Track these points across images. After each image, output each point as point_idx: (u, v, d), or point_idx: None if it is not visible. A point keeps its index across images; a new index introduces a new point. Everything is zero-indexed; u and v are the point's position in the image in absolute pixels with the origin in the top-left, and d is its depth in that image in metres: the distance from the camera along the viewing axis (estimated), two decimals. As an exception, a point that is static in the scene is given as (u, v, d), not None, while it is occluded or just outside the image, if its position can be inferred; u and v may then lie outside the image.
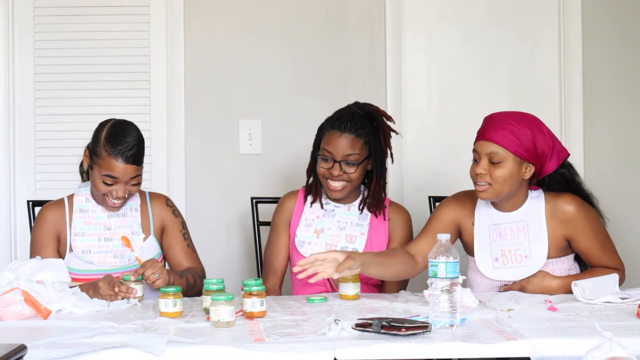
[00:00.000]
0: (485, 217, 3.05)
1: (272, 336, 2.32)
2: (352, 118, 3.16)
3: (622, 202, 3.28)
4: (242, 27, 4.07)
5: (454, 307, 2.40)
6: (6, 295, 2.59)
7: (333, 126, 3.17)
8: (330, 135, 3.17)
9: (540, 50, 4.15)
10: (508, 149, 2.92)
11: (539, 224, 2.99)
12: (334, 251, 2.76)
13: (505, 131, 2.92)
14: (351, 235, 3.20)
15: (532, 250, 2.98)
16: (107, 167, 2.98)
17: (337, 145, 3.15)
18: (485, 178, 2.94)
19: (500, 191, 2.94)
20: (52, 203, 3.14)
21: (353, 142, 3.15)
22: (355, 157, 3.15)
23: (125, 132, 3.03)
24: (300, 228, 3.23)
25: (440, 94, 4.15)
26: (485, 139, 2.95)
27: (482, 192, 2.96)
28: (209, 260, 3.09)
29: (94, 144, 3.04)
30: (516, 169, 2.93)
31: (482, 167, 2.94)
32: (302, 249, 3.19)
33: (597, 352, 2.06)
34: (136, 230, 3.12)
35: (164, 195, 3.28)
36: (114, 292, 2.80)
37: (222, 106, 4.07)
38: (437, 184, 4.07)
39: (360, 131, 3.15)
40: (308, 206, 3.26)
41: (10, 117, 3.98)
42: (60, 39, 4.00)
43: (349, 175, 3.15)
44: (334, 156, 3.15)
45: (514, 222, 3.01)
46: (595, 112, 4.10)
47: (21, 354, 2.02)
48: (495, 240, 3.02)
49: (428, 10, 4.12)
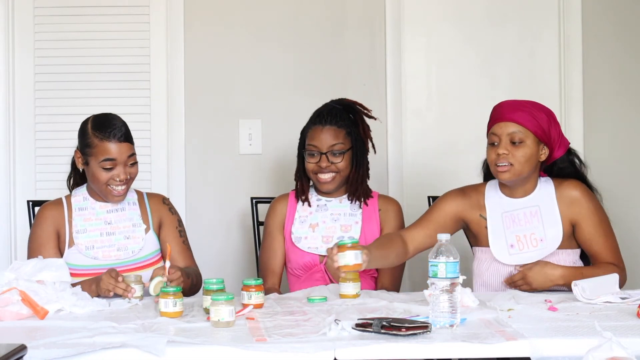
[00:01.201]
0: (497, 206, 3.09)
1: (273, 336, 2.32)
2: (331, 112, 3.29)
3: (622, 202, 3.28)
4: (242, 27, 4.07)
5: (454, 307, 2.39)
6: (4, 295, 2.59)
7: (314, 122, 3.30)
8: (313, 131, 3.28)
9: (540, 50, 4.15)
10: (528, 129, 2.99)
11: (552, 207, 3.04)
12: (355, 246, 2.77)
13: (524, 112, 3.00)
14: (346, 225, 3.27)
15: (547, 233, 3.02)
16: (103, 152, 3.03)
17: (321, 138, 3.26)
18: (507, 158, 2.99)
19: (520, 171, 3.00)
20: (50, 202, 3.16)
21: (335, 133, 3.26)
22: (340, 147, 3.25)
23: (109, 117, 3.11)
24: (295, 225, 3.29)
25: (440, 94, 4.15)
26: (506, 120, 3.01)
27: (503, 173, 3.00)
28: (209, 260, 3.09)
29: (82, 140, 3.09)
30: (535, 149, 3.01)
31: (503, 148, 2.99)
32: (299, 244, 3.26)
33: (597, 352, 2.06)
34: (137, 222, 3.15)
35: (161, 195, 3.32)
36: (114, 284, 2.81)
37: (222, 106, 4.07)
38: (436, 184, 4.06)
39: (341, 122, 3.28)
40: (300, 205, 3.33)
41: (10, 117, 3.99)
42: (60, 39, 4.01)
43: (337, 166, 3.25)
44: (319, 149, 3.25)
45: (527, 207, 3.06)
46: (595, 112, 4.10)
47: (21, 354, 2.02)
48: (509, 227, 3.05)
49: (428, 10, 4.12)
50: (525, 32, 4.15)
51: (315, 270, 3.24)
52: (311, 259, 3.24)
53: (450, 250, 2.42)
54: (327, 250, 2.80)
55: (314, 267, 3.24)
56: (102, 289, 2.83)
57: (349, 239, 3.12)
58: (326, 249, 2.84)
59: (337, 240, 3.16)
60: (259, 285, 2.71)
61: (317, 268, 3.23)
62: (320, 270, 3.23)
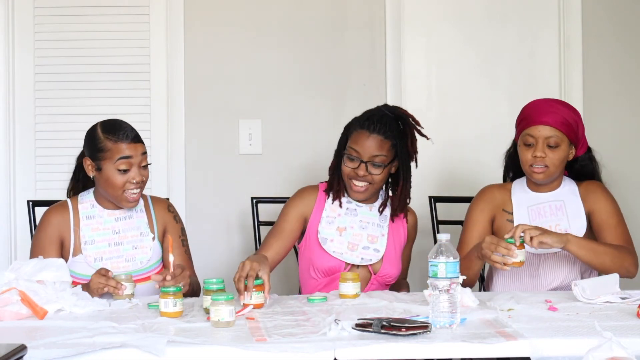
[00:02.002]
0: (523, 200, 3.19)
1: (274, 336, 2.32)
2: (381, 120, 3.14)
3: (623, 203, 3.28)
4: (242, 27, 4.07)
5: (454, 307, 2.39)
6: (4, 295, 2.59)
7: (362, 126, 3.14)
8: (358, 135, 3.14)
9: (540, 50, 4.15)
10: (564, 133, 3.09)
11: (576, 202, 3.16)
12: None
13: (558, 115, 3.10)
14: (373, 236, 3.19)
15: (571, 225, 3.12)
16: (118, 152, 3.00)
17: (365, 146, 3.12)
18: (544, 161, 3.09)
19: (554, 173, 3.13)
20: (55, 207, 3.12)
21: (381, 144, 3.12)
22: (381, 159, 3.12)
23: (118, 121, 3.09)
24: (322, 224, 3.19)
25: (440, 94, 4.15)
26: (543, 124, 3.09)
27: (538, 174, 3.11)
28: (209, 260, 3.08)
29: (93, 145, 3.04)
30: (567, 152, 3.13)
31: (541, 151, 3.09)
32: (325, 246, 3.16)
33: (597, 352, 2.06)
34: (144, 231, 3.12)
35: (166, 200, 3.29)
36: (104, 283, 2.80)
37: (222, 106, 4.07)
38: (437, 184, 4.07)
39: (389, 133, 3.13)
40: (329, 203, 3.22)
41: (10, 117, 3.99)
42: (60, 39, 4.01)
43: (373, 177, 3.13)
44: (360, 156, 3.12)
45: (552, 201, 3.17)
46: (595, 112, 4.10)
47: (21, 354, 2.02)
48: (534, 220, 3.13)
49: (428, 10, 4.12)
50: (525, 32, 4.15)
51: (337, 276, 3.05)
52: (337, 264, 3.15)
53: (450, 250, 2.42)
54: (494, 240, 2.85)
55: (336, 272, 3.12)
56: (92, 289, 2.81)
57: (374, 251, 3.15)
58: (489, 240, 2.87)
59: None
60: (259, 285, 2.71)
61: (339, 274, 3.04)
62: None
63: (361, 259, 3.15)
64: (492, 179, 3.48)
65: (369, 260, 3.16)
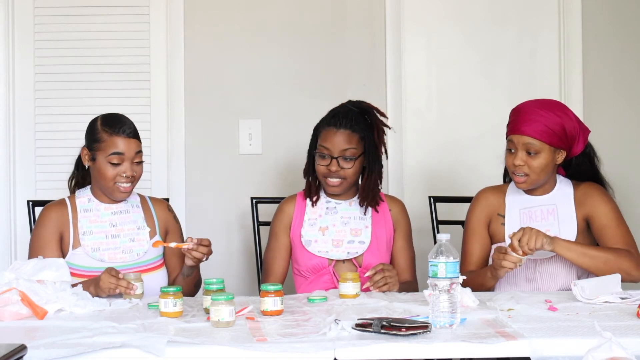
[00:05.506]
0: (516, 202, 3.18)
1: (274, 336, 2.32)
2: (347, 115, 3.23)
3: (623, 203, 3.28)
4: (242, 27, 4.07)
5: (454, 307, 2.40)
6: (4, 295, 2.59)
7: (329, 123, 3.24)
8: (326, 132, 3.23)
9: (540, 50, 4.15)
10: (543, 141, 3.05)
11: (569, 207, 3.13)
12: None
13: (538, 123, 3.06)
14: (356, 229, 3.24)
15: (561, 230, 3.09)
16: (112, 145, 3.05)
17: (334, 141, 3.20)
18: (523, 169, 3.08)
19: (537, 180, 3.10)
20: (54, 203, 3.15)
21: (349, 137, 3.20)
22: (352, 152, 3.20)
23: (119, 115, 3.14)
24: (305, 228, 3.26)
25: (440, 94, 4.15)
26: (521, 133, 3.07)
27: (520, 183, 3.11)
28: (209, 260, 3.07)
29: (91, 136, 3.10)
30: (551, 157, 3.09)
31: (520, 159, 3.08)
32: (309, 247, 3.23)
33: (597, 352, 2.06)
34: (141, 224, 3.15)
35: (164, 201, 3.33)
36: (115, 284, 2.81)
37: (222, 106, 4.07)
38: (437, 184, 4.07)
39: (356, 127, 3.22)
40: (310, 207, 3.29)
41: (10, 117, 3.99)
42: (60, 39, 4.01)
43: (346, 172, 3.20)
44: (331, 152, 3.20)
45: (544, 205, 3.14)
46: (595, 112, 4.10)
47: (21, 354, 2.02)
48: (525, 223, 3.11)
49: (428, 10, 4.12)
50: (525, 32, 4.15)
51: (324, 272, 3.21)
52: (319, 261, 3.22)
53: (450, 250, 2.42)
54: (500, 257, 2.89)
55: (322, 269, 3.21)
56: (103, 288, 2.81)
57: (359, 243, 3.17)
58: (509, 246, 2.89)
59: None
60: (278, 291, 2.61)
61: (325, 270, 3.21)
62: (329, 273, 3.20)
63: (347, 253, 3.21)
64: (492, 178, 3.47)
65: (356, 253, 3.22)
